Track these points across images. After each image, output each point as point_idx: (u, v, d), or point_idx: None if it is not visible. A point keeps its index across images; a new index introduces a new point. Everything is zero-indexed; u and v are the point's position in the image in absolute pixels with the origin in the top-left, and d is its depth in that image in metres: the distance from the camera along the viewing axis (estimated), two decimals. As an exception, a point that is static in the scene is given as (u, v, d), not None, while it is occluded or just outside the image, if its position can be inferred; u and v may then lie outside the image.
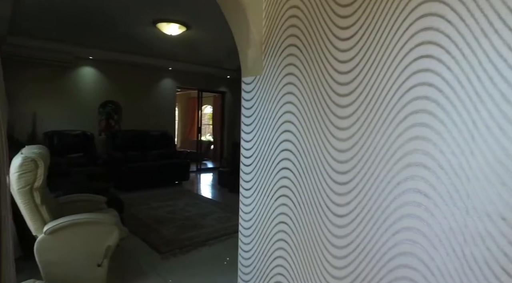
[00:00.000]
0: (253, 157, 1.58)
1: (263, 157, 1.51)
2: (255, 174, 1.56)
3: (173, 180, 6.42)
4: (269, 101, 1.46)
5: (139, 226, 3.82)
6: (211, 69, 7.53)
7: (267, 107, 1.47)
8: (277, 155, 1.42)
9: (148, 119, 6.97)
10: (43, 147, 2.43)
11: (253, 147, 1.57)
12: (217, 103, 9.45)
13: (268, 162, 1.48)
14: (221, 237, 3.59)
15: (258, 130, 1.52)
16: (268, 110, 1.46)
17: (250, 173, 1.59)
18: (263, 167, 1.51)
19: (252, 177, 1.58)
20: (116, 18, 4.24)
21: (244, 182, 1.63)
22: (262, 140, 1.50)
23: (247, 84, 1.59)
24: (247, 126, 1.61)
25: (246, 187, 1.61)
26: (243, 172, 1.63)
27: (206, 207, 4.80)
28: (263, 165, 1.51)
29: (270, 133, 1.44)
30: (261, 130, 1.50)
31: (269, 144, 1.46)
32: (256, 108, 1.54)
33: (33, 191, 2.12)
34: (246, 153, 1.61)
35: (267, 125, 1.45)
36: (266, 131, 1.47)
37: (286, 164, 1.38)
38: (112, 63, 6.27)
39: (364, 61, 1.19)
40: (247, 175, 1.60)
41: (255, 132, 1.54)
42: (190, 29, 4.56)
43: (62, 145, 5.45)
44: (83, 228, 2.25)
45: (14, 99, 5.28)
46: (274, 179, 1.45)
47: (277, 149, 1.41)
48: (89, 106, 6.14)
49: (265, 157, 1.49)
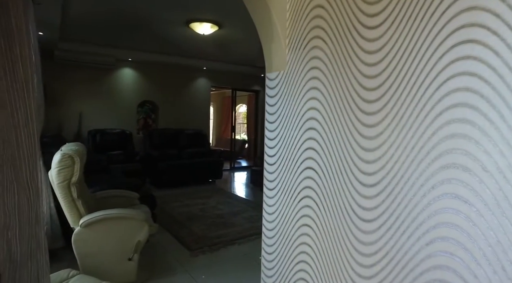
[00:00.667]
0: (276, 155, 1.51)
1: (287, 156, 1.44)
2: (278, 174, 1.50)
3: (207, 178, 6.52)
4: (293, 97, 1.38)
5: (171, 223, 3.91)
6: (244, 68, 7.54)
7: (291, 104, 1.39)
8: (301, 153, 1.34)
9: (184, 118, 7.15)
10: (81, 144, 2.56)
11: (276, 145, 1.51)
12: (251, 102, 9.46)
13: (292, 161, 1.40)
14: (251, 236, 3.57)
15: (282, 128, 1.45)
16: (292, 107, 1.39)
17: (274, 172, 1.52)
18: (287, 167, 1.43)
19: (275, 176, 1.51)
20: (152, 21, 4.38)
21: (267, 181, 1.57)
22: (286, 139, 1.43)
23: (271, 80, 1.53)
24: (271, 124, 1.55)
25: (269, 187, 1.55)
26: (266, 171, 1.57)
27: (237, 206, 4.81)
28: (287, 164, 1.44)
29: (294, 132, 1.37)
30: (285, 128, 1.43)
31: (293, 142, 1.39)
32: (280, 105, 1.47)
33: (71, 185, 2.23)
34: (270, 152, 1.55)
35: (291, 123, 1.38)
36: (290, 129, 1.39)
37: (310, 163, 1.30)
38: (150, 64, 6.51)
39: (394, 51, 1.07)
40: (270, 175, 1.54)
41: (279, 130, 1.48)
42: (222, 28, 4.58)
43: (103, 142, 5.76)
44: (115, 223, 2.33)
45: (63, 100, 5.68)
46: (298, 179, 1.37)
47: (301, 147, 1.33)
48: (128, 106, 6.43)
49: (289, 156, 1.42)
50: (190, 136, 6.89)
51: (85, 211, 2.30)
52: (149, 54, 6.17)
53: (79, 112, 5.82)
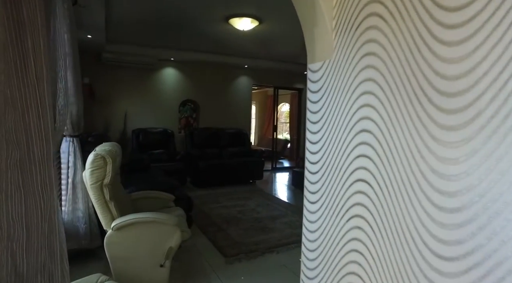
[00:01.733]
0: (320, 162, 1.25)
1: (332, 164, 1.16)
2: (322, 184, 1.23)
3: (247, 178, 6.37)
4: (341, 92, 1.10)
5: (208, 225, 3.80)
6: (286, 65, 7.27)
7: (339, 100, 1.12)
8: (350, 162, 1.06)
9: (225, 117, 7.08)
10: (116, 144, 2.50)
11: (320, 150, 1.25)
12: (294, 101, 9.15)
13: (339, 170, 1.12)
14: (290, 244, 3.31)
15: (327, 130, 1.18)
16: (340, 104, 1.11)
17: (317, 182, 1.26)
18: (333, 177, 1.16)
19: (318, 187, 1.25)
20: (191, 18, 4.31)
21: (309, 193, 1.31)
22: (332, 143, 1.16)
23: (314, 72, 1.27)
24: (313, 125, 1.29)
25: (311, 200, 1.29)
26: (308, 181, 1.32)
27: (277, 209, 4.58)
28: (333, 174, 1.16)
29: (342, 134, 1.09)
30: (331, 129, 1.16)
31: (340, 147, 1.11)
32: (324, 102, 1.21)
33: (103, 187, 2.16)
34: (312, 158, 1.28)
35: (339, 124, 1.10)
36: (337, 131, 1.12)
37: (362, 174, 1.02)
38: (191, 63, 6.52)
39: (498, 17, 0.75)
40: (313, 185, 1.28)
41: (323, 132, 1.21)
42: (263, 23, 4.36)
43: (146, 141, 5.87)
44: (146, 227, 2.23)
45: (109, 100, 5.89)
46: (346, 194, 1.09)
47: (351, 154, 1.05)
48: (170, 105, 6.50)
49: (335, 164, 1.14)
50: (231, 135, 6.79)
51: (118, 213, 2.22)
52: (190, 53, 6.16)
53: (124, 111, 5.99)
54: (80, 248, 2.71)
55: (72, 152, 2.60)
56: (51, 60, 1.31)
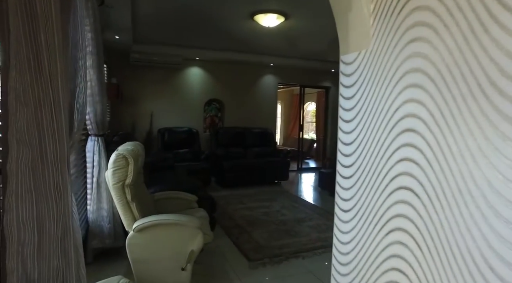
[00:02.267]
0: (354, 166, 1.10)
1: (369, 168, 1.01)
2: (356, 191, 1.08)
3: (272, 179, 6.25)
4: (380, 85, 0.95)
5: (232, 227, 3.71)
6: (313, 63, 7.07)
7: (377, 95, 0.96)
8: (391, 166, 0.90)
9: (250, 116, 7.00)
10: (139, 143, 2.47)
11: (354, 152, 1.10)
12: (321, 100, 8.90)
13: (376, 176, 0.97)
14: (317, 249, 3.15)
15: (363, 129, 1.03)
16: (378, 99, 0.96)
17: (350, 188, 1.11)
18: (369, 183, 1.00)
19: (352, 194, 1.10)
20: (216, 16, 4.25)
21: (341, 200, 1.17)
22: (368, 144, 1.00)
23: (348, 65, 1.12)
24: (346, 124, 1.14)
25: (344, 208, 1.14)
26: (340, 186, 1.17)
27: (303, 211, 4.42)
28: (370, 179, 1.01)
29: (381, 134, 0.94)
30: (368, 129, 1.01)
31: (379, 149, 0.96)
32: (360, 98, 1.06)
33: (125, 187, 2.13)
34: (345, 161, 1.14)
35: (377, 122, 0.95)
36: (376, 131, 0.97)
37: (406, 181, 0.86)
38: (216, 63, 6.49)
39: None
40: (345, 191, 1.13)
41: (358, 132, 1.07)
42: (289, 19, 4.22)
43: (171, 140, 5.91)
44: (167, 229, 2.17)
45: (137, 100, 5.98)
46: (386, 203, 0.93)
47: (392, 157, 0.90)
48: (195, 105, 6.51)
49: (372, 168, 0.99)
50: (256, 135, 6.70)
51: (139, 214, 2.18)
52: (215, 52, 6.13)
53: (150, 111, 6.06)
54: (105, 247, 2.71)
55: (97, 151, 2.60)
56: (68, 58, 1.26)
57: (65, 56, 1.26)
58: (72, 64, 1.43)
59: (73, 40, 1.46)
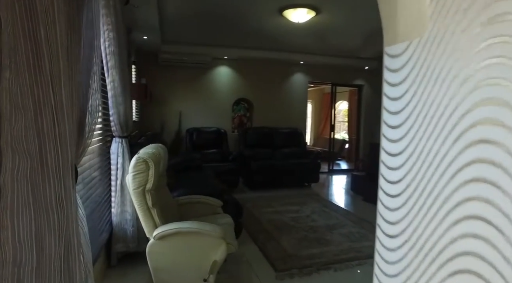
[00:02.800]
0: (403, 183, 0.86)
1: (423, 188, 0.78)
2: (406, 214, 0.85)
3: (302, 181, 6.02)
4: (440, 83, 0.73)
5: (258, 232, 3.56)
6: (345, 60, 6.73)
7: (435, 96, 0.74)
8: (455, 188, 0.68)
9: (279, 116, 6.81)
10: (161, 146, 2.37)
11: (403, 165, 0.86)
12: (353, 99, 8.51)
13: (434, 198, 0.73)
14: (350, 261, 2.91)
15: (415, 137, 0.80)
16: (437, 100, 0.73)
17: (398, 209, 0.87)
18: (424, 206, 0.78)
19: (400, 217, 0.87)
20: (244, 13, 4.11)
21: (384, 221, 0.94)
22: (423, 157, 0.77)
23: (394, 58, 0.90)
24: (392, 130, 0.91)
25: (390, 233, 0.92)
26: (382, 205, 0.94)
27: (334, 217, 4.17)
28: (424, 202, 0.78)
29: (441, 146, 0.71)
30: (422, 138, 0.78)
31: (437, 164, 0.72)
32: (411, 99, 0.83)
33: (145, 192, 2.04)
34: (392, 176, 0.90)
35: (435, 130, 0.72)
36: (433, 141, 0.73)
37: (479, 209, 0.62)
38: (244, 61, 6.36)
39: None
40: (391, 213, 0.90)
41: (409, 142, 0.83)
42: (320, 14, 3.98)
43: (199, 141, 5.86)
44: (189, 238, 2.05)
45: (165, 100, 6.00)
46: (447, 236, 0.70)
47: (457, 176, 0.66)
48: (223, 105, 6.43)
49: (427, 189, 0.76)
50: (285, 135, 6.49)
51: (161, 221, 2.08)
52: (244, 51, 6.00)
53: (179, 111, 6.06)
54: (128, 251, 2.65)
55: (121, 153, 2.54)
56: (83, 57, 1.15)
57: (73, 54, 1.17)
58: (85, 64, 1.33)
59: (87, 39, 1.36)
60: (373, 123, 7.30)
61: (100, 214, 2.40)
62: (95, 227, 2.23)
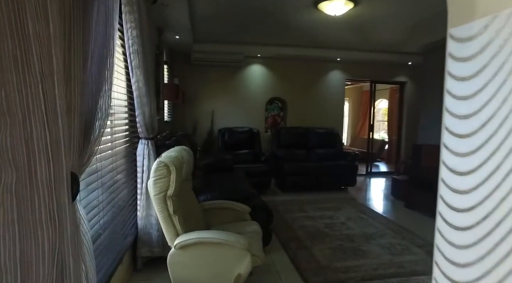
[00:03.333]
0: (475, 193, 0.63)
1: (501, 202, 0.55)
2: (480, 239, 0.61)
3: (338, 184, 5.70)
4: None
5: (290, 239, 3.35)
6: (386, 55, 6.27)
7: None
8: None
9: (314, 115, 6.53)
10: (185, 149, 2.26)
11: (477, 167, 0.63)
12: (394, 96, 7.96)
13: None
14: (391, 277, 2.62)
15: (493, 149, 0.58)
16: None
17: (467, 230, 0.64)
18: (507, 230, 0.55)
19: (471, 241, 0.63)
20: (276, 8, 3.91)
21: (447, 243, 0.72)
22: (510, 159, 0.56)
23: (464, 42, 0.67)
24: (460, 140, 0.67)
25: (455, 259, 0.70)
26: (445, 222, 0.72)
27: (372, 225, 3.84)
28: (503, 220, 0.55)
29: None
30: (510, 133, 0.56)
31: None
32: (490, 99, 0.60)
33: (167, 198, 1.93)
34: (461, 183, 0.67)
35: None
36: None
37: None
38: (278, 59, 6.16)
39: None
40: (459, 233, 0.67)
41: (487, 156, 0.60)
42: (359, 5, 3.67)
43: (231, 141, 5.76)
44: (212, 249, 1.91)
45: (198, 99, 5.98)
46: None
47: None
48: (256, 104, 6.27)
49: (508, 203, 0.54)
50: (321, 135, 6.19)
51: (182, 229, 1.96)
52: (277, 48, 5.80)
53: (211, 110, 6.01)
54: (153, 256, 2.58)
55: (147, 155, 2.47)
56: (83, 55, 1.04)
57: (77, 52, 1.06)
58: (95, 63, 1.22)
59: (99, 35, 1.26)
60: (416, 123, 6.75)
61: (124, 218, 2.34)
62: (118, 232, 2.17)
